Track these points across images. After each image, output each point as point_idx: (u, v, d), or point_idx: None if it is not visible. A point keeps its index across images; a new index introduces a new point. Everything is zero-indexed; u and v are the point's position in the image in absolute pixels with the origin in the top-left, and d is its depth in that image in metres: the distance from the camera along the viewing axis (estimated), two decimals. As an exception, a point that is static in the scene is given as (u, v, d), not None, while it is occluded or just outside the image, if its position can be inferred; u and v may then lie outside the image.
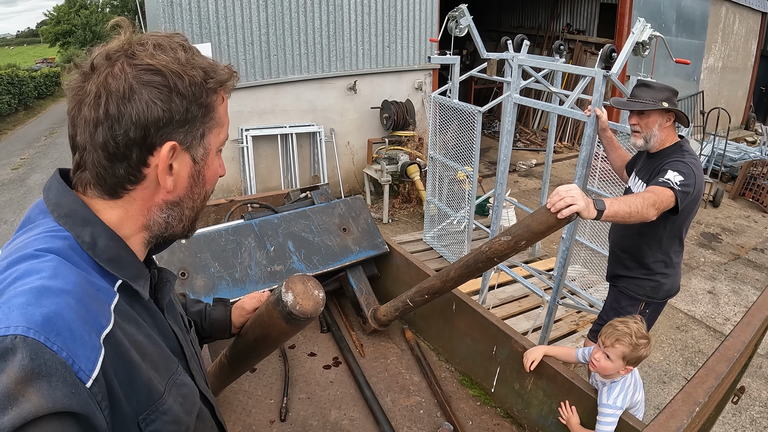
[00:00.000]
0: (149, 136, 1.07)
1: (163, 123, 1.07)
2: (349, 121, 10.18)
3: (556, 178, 11.25)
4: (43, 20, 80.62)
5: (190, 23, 8.19)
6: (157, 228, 1.19)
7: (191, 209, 1.23)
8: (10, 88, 23.75)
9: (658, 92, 3.38)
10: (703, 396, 2.19)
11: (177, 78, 1.08)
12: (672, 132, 3.47)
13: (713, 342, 5.86)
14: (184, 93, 1.09)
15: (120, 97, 1.04)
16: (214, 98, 1.17)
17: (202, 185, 1.23)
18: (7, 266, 0.99)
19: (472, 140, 6.40)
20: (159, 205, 1.17)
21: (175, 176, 1.14)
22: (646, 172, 3.54)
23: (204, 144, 1.17)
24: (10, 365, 0.82)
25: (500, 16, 17.78)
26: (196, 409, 1.27)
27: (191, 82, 1.10)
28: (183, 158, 1.15)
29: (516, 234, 2.50)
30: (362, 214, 4.09)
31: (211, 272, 3.41)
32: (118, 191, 1.11)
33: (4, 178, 13.64)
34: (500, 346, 3.14)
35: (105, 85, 1.04)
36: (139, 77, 1.05)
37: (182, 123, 1.11)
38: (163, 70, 1.06)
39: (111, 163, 1.08)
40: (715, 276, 7.48)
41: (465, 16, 6.36)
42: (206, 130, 1.17)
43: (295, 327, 1.66)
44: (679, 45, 12.84)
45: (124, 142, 1.05)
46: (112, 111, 1.04)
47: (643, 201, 2.91)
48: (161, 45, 1.10)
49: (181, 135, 1.11)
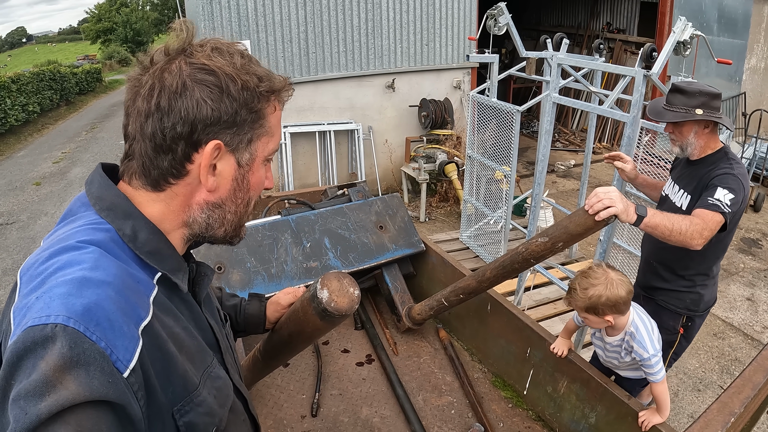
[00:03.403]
0: (195, 133, 1.09)
1: (211, 122, 1.10)
2: (388, 119, 10.18)
3: (594, 179, 11.12)
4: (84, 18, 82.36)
5: (230, 21, 8.27)
6: (198, 227, 1.21)
7: (233, 214, 1.24)
8: (52, 84, 24.14)
9: (691, 98, 3.12)
10: (738, 406, 2.16)
11: (230, 80, 1.10)
12: (713, 138, 3.23)
13: (751, 350, 5.72)
14: (235, 96, 1.11)
15: (173, 91, 1.07)
16: (265, 106, 1.18)
17: (246, 191, 1.23)
18: (49, 256, 1.01)
19: (510, 140, 6.36)
20: (200, 204, 1.18)
21: (218, 177, 1.16)
22: (688, 181, 3.31)
23: (251, 149, 1.19)
24: (50, 353, 0.84)
25: (539, 14, 17.61)
26: (229, 402, 1.28)
27: (243, 86, 1.12)
28: (228, 160, 1.16)
29: (553, 235, 2.47)
30: (399, 212, 4.09)
31: (247, 267, 3.43)
32: (161, 184, 1.13)
33: (45, 171, 13.93)
34: (534, 349, 3.12)
35: (160, 79, 1.08)
36: (193, 75, 1.08)
37: (230, 125, 1.12)
38: (216, 71, 1.09)
39: (156, 155, 1.10)
40: (754, 282, 7.32)
41: (504, 14, 6.33)
42: (254, 137, 1.18)
43: (330, 324, 1.66)
44: (720, 45, 12.58)
45: (171, 136, 1.08)
46: (163, 104, 1.07)
47: (690, 226, 2.75)
48: (219, 49, 1.13)
49: (227, 136, 1.13)
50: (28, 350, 0.85)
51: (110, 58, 55.82)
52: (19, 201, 11.44)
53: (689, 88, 3.16)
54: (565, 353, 2.86)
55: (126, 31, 61.29)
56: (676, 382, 5.13)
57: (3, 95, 18.06)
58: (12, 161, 15.58)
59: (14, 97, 18.99)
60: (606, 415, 2.70)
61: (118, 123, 20.81)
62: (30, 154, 16.49)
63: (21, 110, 19.40)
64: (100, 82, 34.37)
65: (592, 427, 2.77)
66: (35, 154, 16.25)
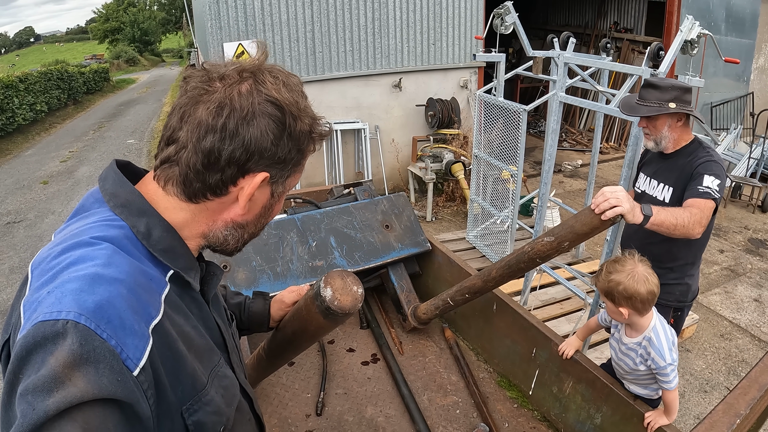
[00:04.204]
0: (251, 161, 1.11)
1: (267, 155, 1.12)
2: (394, 118, 10.17)
3: (601, 179, 11.10)
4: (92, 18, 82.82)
5: (236, 20, 8.28)
6: (215, 240, 1.23)
7: (250, 234, 1.29)
8: (60, 83, 24.26)
9: (664, 92, 3.23)
10: (744, 407, 2.14)
11: (293, 120, 1.13)
12: (686, 130, 3.36)
13: (758, 352, 5.69)
14: (294, 136, 1.15)
15: (242, 116, 1.07)
16: (309, 148, 1.22)
17: (268, 216, 1.29)
18: (62, 251, 1.01)
19: (517, 139, 6.35)
20: (226, 222, 1.21)
21: (252, 202, 1.19)
22: (668, 175, 3.41)
23: (285, 183, 1.23)
24: (60, 349, 0.84)
25: (546, 13, 17.59)
26: (236, 401, 1.29)
27: (301, 129, 1.16)
28: (265, 190, 1.20)
29: (559, 235, 2.47)
30: (405, 211, 4.09)
31: (253, 266, 3.44)
32: (197, 197, 1.14)
33: (52, 170, 13.97)
34: (540, 349, 3.11)
35: (230, 99, 1.07)
36: (263, 105, 1.09)
37: (281, 161, 1.16)
38: (285, 108, 1.11)
39: (205, 170, 1.10)
40: (761, 283, 7.27)
41: (510, 13, 6.31)
42: (292, 173, 1.22)
43: (333, 322, 1.66)
44: (728, 44, 12.52)
45: (228, 158, 1.09)
46: (231, 126, 1.07)
47: (690, 217, 2.84)
48: (287, 84, 1.15)
49: (275, 170, 1.16)
50: (38, 345, 0.85)
51: (118, 57, 56.14)
52: (27, 199, 11.48)
53: (662, 83, 3.28)
54: (570, 354, 2.85)
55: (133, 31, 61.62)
56: (682, 384, 5.10)
57: (11, 94, 18.15)
58: (20, 160, 15.65)
59: (22, 96, 19.09)
60: (611, 415, 2.69)
61: (125, 122, 20.94)
62: (37, 152, 16.56)
63: (29, 109, 19.51)
64: (107, 82, 34.49)
65: (598, 427, 2.76)
66: (43, 153, 16.31)
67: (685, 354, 5.58)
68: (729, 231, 8.83)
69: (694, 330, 5.91)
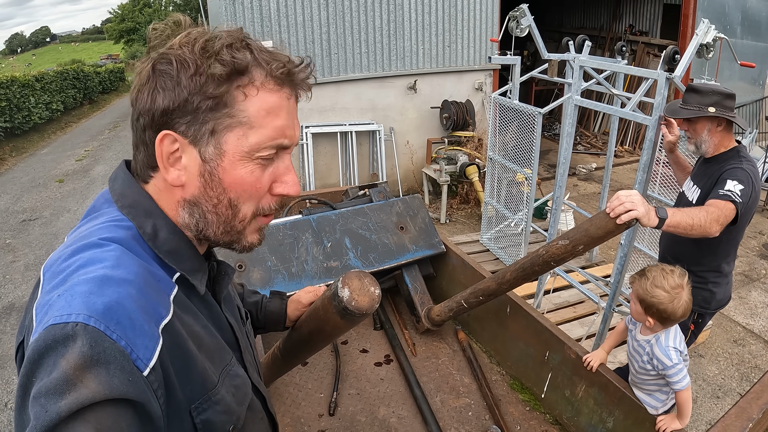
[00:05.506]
0: (155, 124, 1.06)
1: (166, 112, 1.05)
2: (409, 120, 10.18)
3: (616, 182, 11.05)
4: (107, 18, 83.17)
5: (252, 21, 8.32)
6: (194, 229, 1.16)
7: (213, 214, 1.13)
8: (76, 82, 24.45)
9: (704, 97, 3.29)
10: (757, 412, 2.14)
11: (182, 67, 1.03)
12: (727, 136, 3.37)
13: (773, 358, 5.68)
14: (185, 83, 1.03)
15: (141, 83, 1.07)
16: (230, 90, 1.06)
17: (219, 190, 1.11)
18: (72, 253, 1.01)
19: (531, 142, 6.34)
20: (179, 201, 1.14)
21: (184, 171, 1.10)
22: (701, 178, 3.46)
23: (215, 142, 1.07)
24: (70, 351, 0.84)
25: (562, 16, 17.54)
26: (247, 400, 1.28)
27: (197, 71, 1.03)
28: (190, 153, 1.09)
29: (574, 238, 2.47)
30: (420, 213, 4.09)
31: (268, 266, 3.45)
32: (144, 176, 1.14)
33: (68, 168, 14.09)
34: (553, 352, 3.11)
35: (138, 73, 1.09)
36: (155, 66, 1.05)
37: (183, 113, 1.05)
38: (173, 59, 1.04)
39: (136, 147, 1.13)
40: (776, 289, 7.24)
41: (526, 16, 6.30)
42: (218, 127, 1.06)
43: (350, 323, 1.66)
44: (744, 47, 12.44)
45: (141, 126, 1.09)
46: (133, 97, 1.09)
47: (707, 216, 2.85)
48: (196, 39, 1.06)
49: (182, 126, 1.06)
50: (49, 348, 0.85)
51: (133, 57, 56.41)
52: (42, 197, 11.57)
53: (703, 87, 3.32)
54: (596, 367, 2.83)
55: (149, 31, 61.88)
56: (695, 389, 5.07)
57: (27, 93, 18.29)
58: (35, 158, 15.77)
59: (38, 95, 19.24)
60: (624, 419, 2.68)
61: (141, 122, 21.02)
62: (53, 151, 16.68)
63: (45, 108, 19.66)
64: (123, 82, 34.68)
65: (610, 431, 2.75)
66: (58, 152, 16.43)
67: (698, 359, 5.55)
68: (743, 236, 8.77)
69: (707, 335, 5.88)
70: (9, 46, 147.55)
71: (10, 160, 15.51)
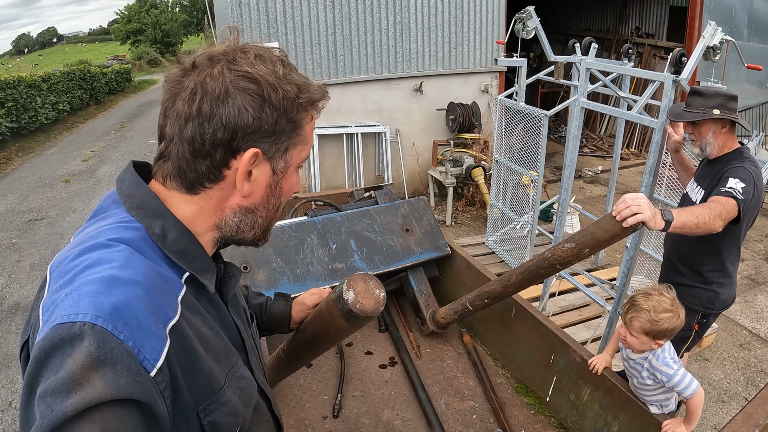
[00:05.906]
0: (235, 140, 1.09)
1: (251, 130, 1.09)
2: (415, 122, 10.17)
3: (622, 185, 11.02)
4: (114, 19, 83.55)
5: (258, 23, 8.31)
6: (228, 230, 1.21)
7: (264, 218, 1.25)
8: (82, 83, 24.45)
9: (708, 99, 3.30)
10: (763, 418, 2.13)
11: (271, 90, 1.10)
12: (730, 138, 3.39)
13: (779, 362, 5.65)
14: (276, 105, 1.11)
15: (215, 97, 1.06)
16: (303, 115, 1.18)
17: (278, 197, 1.24)
18: (79, 253, 1.01)
19: (537, 144, 6.33)
20: (233, 208, 1.19)
21: (252, 183, 1.16)
22: (704, 179, 3.48)
23: (286, 158, 1.19)
24: (78, 351, 0.85)
25: (568, 18, 17.51)
26: (253, 402, 1.29)
27: (284, 96, 1.12)
28: (263, 167, 1.17)
29: (579, 241, 2.46)
30: (425, 215, 4.09)
31: (273, 267, 3.45)
32: (195, 187, 1.14)
33: (74, 169, 14.10)
34: (558, 355, 3.10)
35: (202, 84, 1.07)
36: (235, 82, 1.07)
37: (269, 134, 1.12)
38: (259, 79, 1.08)
39: (194, 159, 1.10)
40: (783, 293, 7.21)
41: (532, 18, 6.29)
42: (290, 145, 1.18)
43: (355, 325, 1.66)
44: (751, 50, 12.40)
45: (211, 141, 1.08)
46: (205, 109, 1.07)
47: (710, 212, 2.87)
48: (262, 56, 1.13)
49: (266, 145, 1.13)
50: (56, 347, 0.85)
51: (140, 58, 56.50)
52: (48, 198, 11.60)
53: (706, 90, 3.35)
54: (601, 370, 2.82)
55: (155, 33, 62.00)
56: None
57: (34, 94, 18.33)
58: (42, 158, 15.80)
59: (45, 95, 19.27)
60: (629, 423, 2.67)
61: (146, 122, 21.04)
62: (59, 151, 16.71)
63: (51, 109, 19.68)
64: (129, 82, 34.70)
65: (616, 435, 2.75)
66: (65, 152, 16.46)
67: (704, 363, 5.53)
68: (749, 239, 8.73)
69: (712, 339, 5.86)
70: (16, 46, 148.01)
71: (16, 160, 15.54)
